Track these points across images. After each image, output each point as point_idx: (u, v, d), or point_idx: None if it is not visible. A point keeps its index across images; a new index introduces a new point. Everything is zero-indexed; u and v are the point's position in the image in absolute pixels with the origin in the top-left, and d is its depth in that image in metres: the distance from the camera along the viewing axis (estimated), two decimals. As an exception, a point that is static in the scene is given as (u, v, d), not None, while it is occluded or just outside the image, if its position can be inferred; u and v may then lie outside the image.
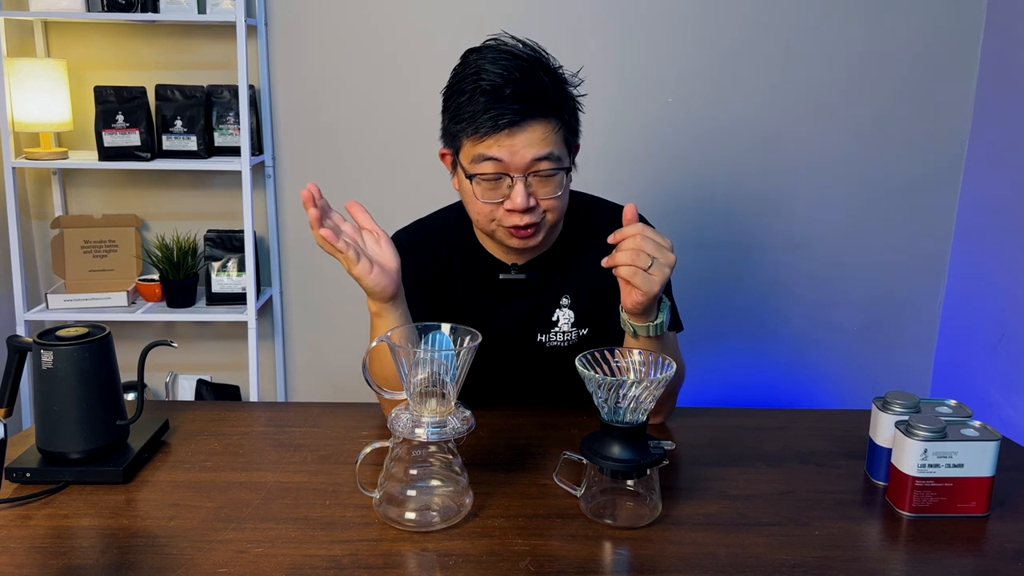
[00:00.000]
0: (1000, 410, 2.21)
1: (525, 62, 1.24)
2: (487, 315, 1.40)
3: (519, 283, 1.39)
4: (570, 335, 1.43)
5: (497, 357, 1.41)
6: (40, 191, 2.53)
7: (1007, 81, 2.27)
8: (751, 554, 0.99)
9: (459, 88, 1.26)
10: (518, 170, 1.23)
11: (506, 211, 1.26)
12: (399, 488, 1.04)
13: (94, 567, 0.96)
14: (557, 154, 1.25)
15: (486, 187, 1.25)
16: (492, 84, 1.21)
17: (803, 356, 2.58)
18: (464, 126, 1.24)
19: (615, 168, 2.41)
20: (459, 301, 1.41)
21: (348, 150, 2.47)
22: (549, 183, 1.26)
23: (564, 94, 1.27)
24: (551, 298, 1.42)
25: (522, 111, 1.21)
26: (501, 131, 1.21)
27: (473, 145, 1.24)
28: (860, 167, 2.46)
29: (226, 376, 2.63)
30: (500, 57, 1.24)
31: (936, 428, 1.06)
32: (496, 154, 1.22)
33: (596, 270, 1.35)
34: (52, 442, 1.14)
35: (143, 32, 2.42)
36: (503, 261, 1.40)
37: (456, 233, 1.41)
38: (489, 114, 1.21)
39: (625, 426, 1.03)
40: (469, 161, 1.25)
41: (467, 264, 1.41)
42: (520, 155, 1.22)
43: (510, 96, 1.21)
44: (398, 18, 2.39)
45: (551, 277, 1.41)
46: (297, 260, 2.56)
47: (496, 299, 1.41)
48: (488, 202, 1.26)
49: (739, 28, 2.38)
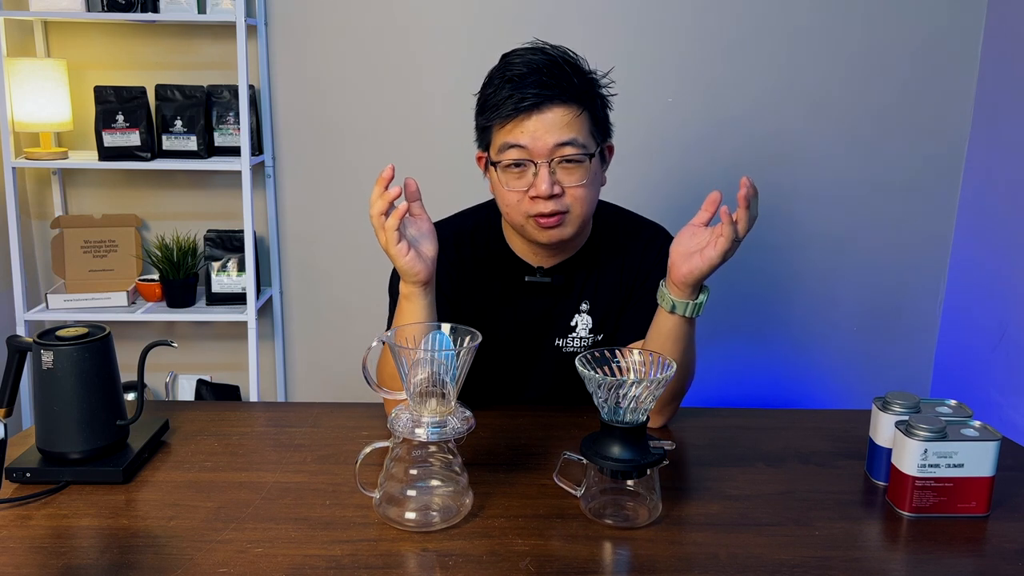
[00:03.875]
0: (1000, 410, 2.21)
1: (550, 56, 1.29)
2: (507, 316, 1.42)
3: (542, 286, 1.40)
4: (587, 340, 1.43)
5: (514, 359, 1.43)
6: (40, 191, 2.53)
7: (1007, 81, 2.27)
8: (751, 554, 0.99)
9: (489, 83, 1.31)
10: (541, 155, 1.26)
11: (531, 200, 1.28)
12: (399, 488, 1.04)
13: (94, 567, 0.96)
14: (581, 141, 1.27)
15: (512, 175, 1.28)
16: (517, 74, 1.26)
17: (803, 356, 2.58)
18: (490, 114, 1.28)
19: (615, 168, 2.40)
20: (480, 300, 1.41)
21: (348, 150, 2.47)
22: (574, 171, 1.28)
23: (588, 83, 1.31)
24: (571, 303, 1.42)
25: (541, 94, 1.25)
26: (522, 113, 1.25)
27: (499, 133, 1.28)
28: (860, 167, 2.46)
29: (226, 376, 2.63)
30: (528, 52, 1.29)
31: (936, 428, 1.06)
32: (518, 140, 1.26)
33: (616, 277, 1.42)
34: (52, 442, 1.14)
35: (143, 32, 2.42)
36: (529, 264, 1.41)
37: (484, 232, 1.43)
38: (512, 99, 1.25)
39: (625, 426, 1.03)
40: (496, 151, 1.29)
41: (492, 264, 1.42)
42: (543, 140, 1.25)
43: (532, 83, 1.25)
44: (398, 18, 2.39)
45: (574, 282, 1.42)
46: (297, 260, 2.56)
47: (518, 301, 1.42)
48: (514, 191, 1.29)
49: (739, 28, 2.38)
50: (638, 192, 2.40)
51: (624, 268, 1.43)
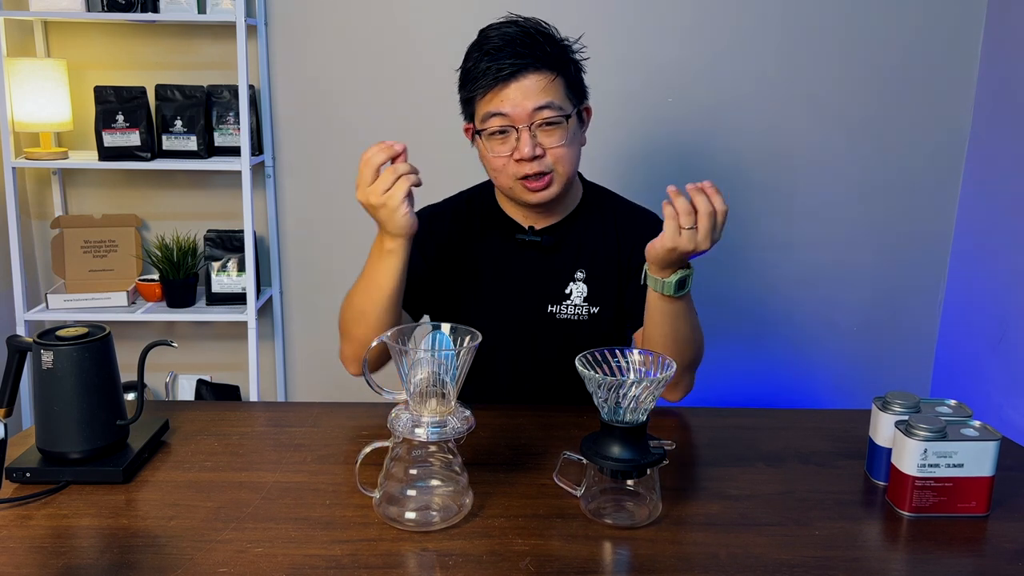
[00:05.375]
0: (1000, 410, 2.21)
1: (523, 27, 1.38)
2: (501, 279, 1.49)
3: (534, 247, 1.48)
4: (581, 309, 1.48)
5: (508, 323, 1.48)
6: (40, 191, 2.53)
7: (1007, 81, 2.27)
8: (751, 554, 0.99)
9: (468, 57, 1.40)
10: (522, 120, 1.35)
11: (516, 163, 1.37)
12: (399, 488, 1.04)
13: (94, 567, 0.96)
14: (558, 104, 1.36)
15: (496, 142, 1.38)
16: (493, 46, 1.36)
17: (803, 356, 2.58)
18: (472, 86, 1.37)
19: (615, 168, 2.41)
20: (476, 264, 1.49)
21: (348, 150, 2.47)
22: (553, 132, 1.37)
23: (561, 51, 1.39)
24: (566, 269, 1.48)
25: (516, 63, 1.34)
26: (500, 83, 1.34)
27: (480, 104, 1.37)
28: (860, 167, 2.46)
29: (226, 376, 2.63)
30: (503, 26, 1.38)
31: (936, 428, 1.06)
32: (500, 108, 1.35)
33: (614, 253, 1.49)
34: (52, 442, 1.15)
35: (143, 32, 2.42)
36: (521, 224, 1.49)
37: (479, 200, 1.54)
38: (490, 70, 1.34)
39: (625, 426, 1.03)
40: (480, 120, 1.39)
41: (485, 226, 1.51)
42: (521, 106, 1.34)
43: (507, 53, 1.34)
44: (398, 17, 2.39)
45: (564, 244, 1.48)
46: (297, 260, 2.56)
47: (511, 262, 1.49)
48: (499, 156, 1.38)
49: (739, 28, 2.38)
50: (638, 192, 2.40)
51: (622, 247, 1.49)
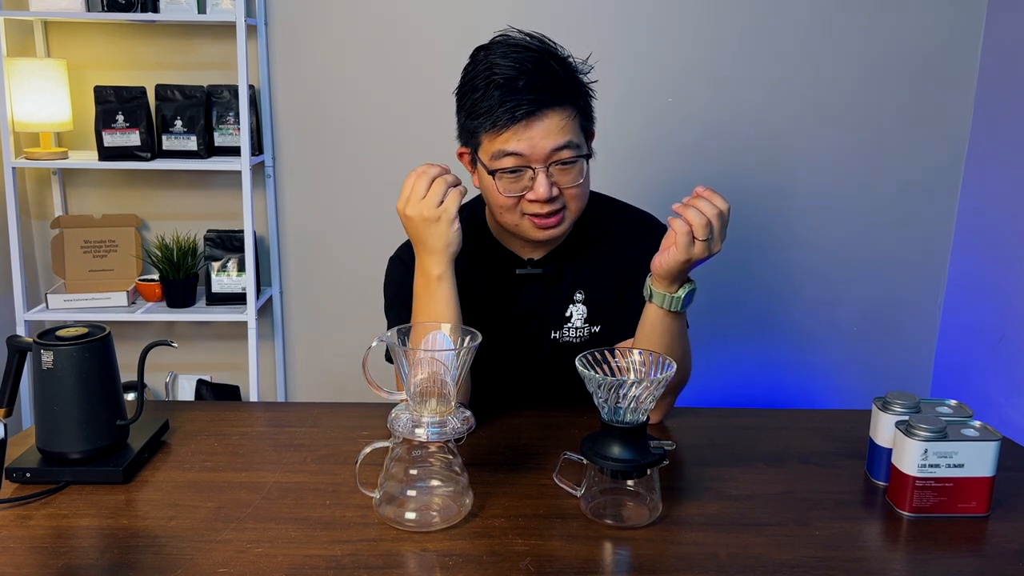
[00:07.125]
0: (1000, 410, 2.21)
1: (535, 53, 1.25)
2: (501, 311, 1.40)
3: (533, 278, 1.40)
4: (583, 331, 1.43)
5: (511, 354, 1.42)
6: (40, 191, 2.53)
7: (1007, 82, 2.27)
8: (751, 554, 0.99)
9: (472, 85, 1.27)
10: (539, 161, 1.24)
11: (528, 202, 1.27)
12: (399, 488, 1.04)
13: (94, 567, 0.96)
14: (576, 142, 1.26)
15: (508, 181, 1.27)
16: (505, 77, 1.23)
17: (803, 356, 2.58)
18: (482, 121, 1.25)
19: (615, 168, 2.41)
20: (473, 297, 1.40)
21: (348, 150, 2.47)
22: (570, 171, 1.27)
23: (576, 81, 1.29)
24: (565, 293, 1.42)
25: (537, 100, 1.22)
26: (519, 122, 1.22)
27: (492, 140, 1.25)
28: (860, 167, 2.46)
29: (226, 376, 2.63)
30: (510, 51, 1.25)
31: (936, 428, 1.06)
32: (516, 148, 1.24)
33: (609, 266, 1.42)
34: (52, 442, 1.14)
35: (143, 32, 2.42)
36: (519, 256, 1.41)
37: (473, 230, 1.40)
38: (505, 107, 1.22)
39: (625, 426, 1.03)
40: (489, 158, 1.27)
41: (481, 260, 1.41)
42: (540, 146, 1.24)
43: (524, 87, 1.22)
44: (398, 18, 2.39)
45: (564, 271, 1.41)
46: (297, 260, 2.56)
47: (510, 294, 1.41)
48: (511, 196, 1.27)
49: (739, 28, 2.38)
50: (638, 192, 2.40)
51: (616, 258, 1.42)
